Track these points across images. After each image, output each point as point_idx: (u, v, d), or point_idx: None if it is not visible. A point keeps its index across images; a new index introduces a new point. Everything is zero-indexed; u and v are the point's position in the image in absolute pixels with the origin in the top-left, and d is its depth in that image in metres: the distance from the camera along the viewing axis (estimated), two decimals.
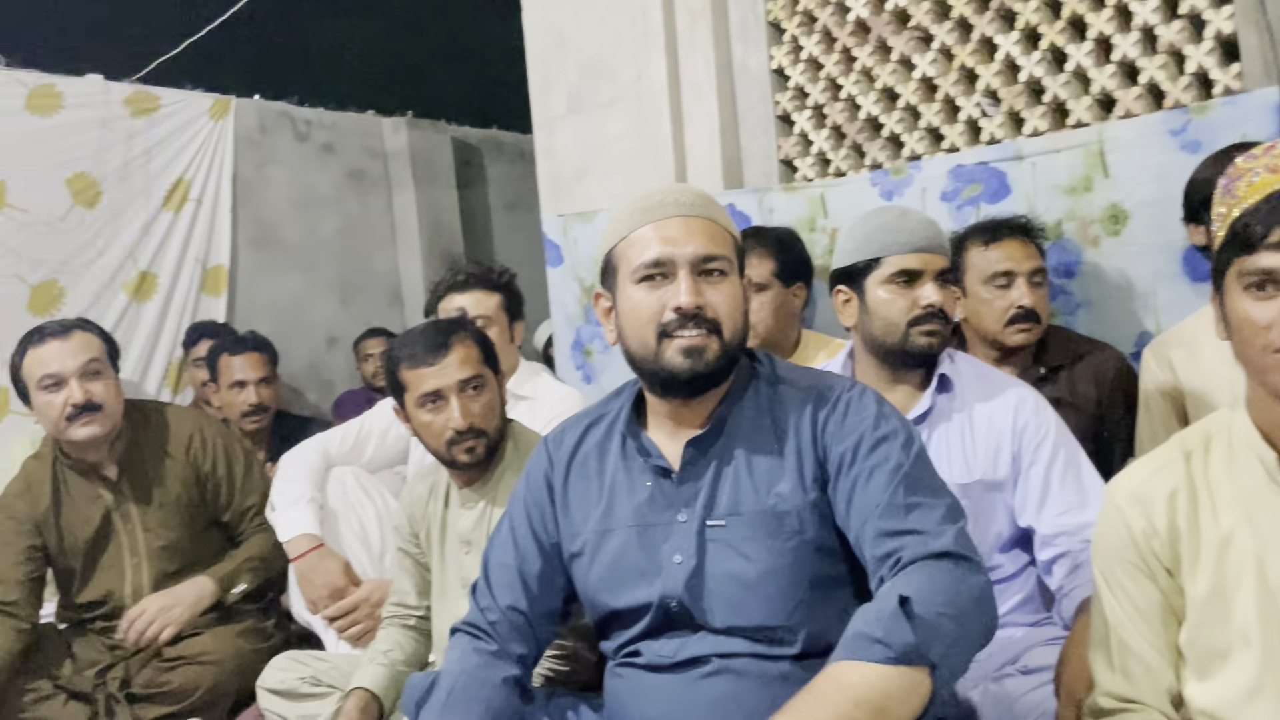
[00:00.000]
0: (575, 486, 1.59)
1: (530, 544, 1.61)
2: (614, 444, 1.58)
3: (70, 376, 2.59)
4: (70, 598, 2.74)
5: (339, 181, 5.13)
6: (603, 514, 1.55)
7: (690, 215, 1.47)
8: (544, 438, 1.68)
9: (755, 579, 1.43)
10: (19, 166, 3.93)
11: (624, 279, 1.48)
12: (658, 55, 3.29)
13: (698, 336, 1.44)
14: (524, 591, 1.59)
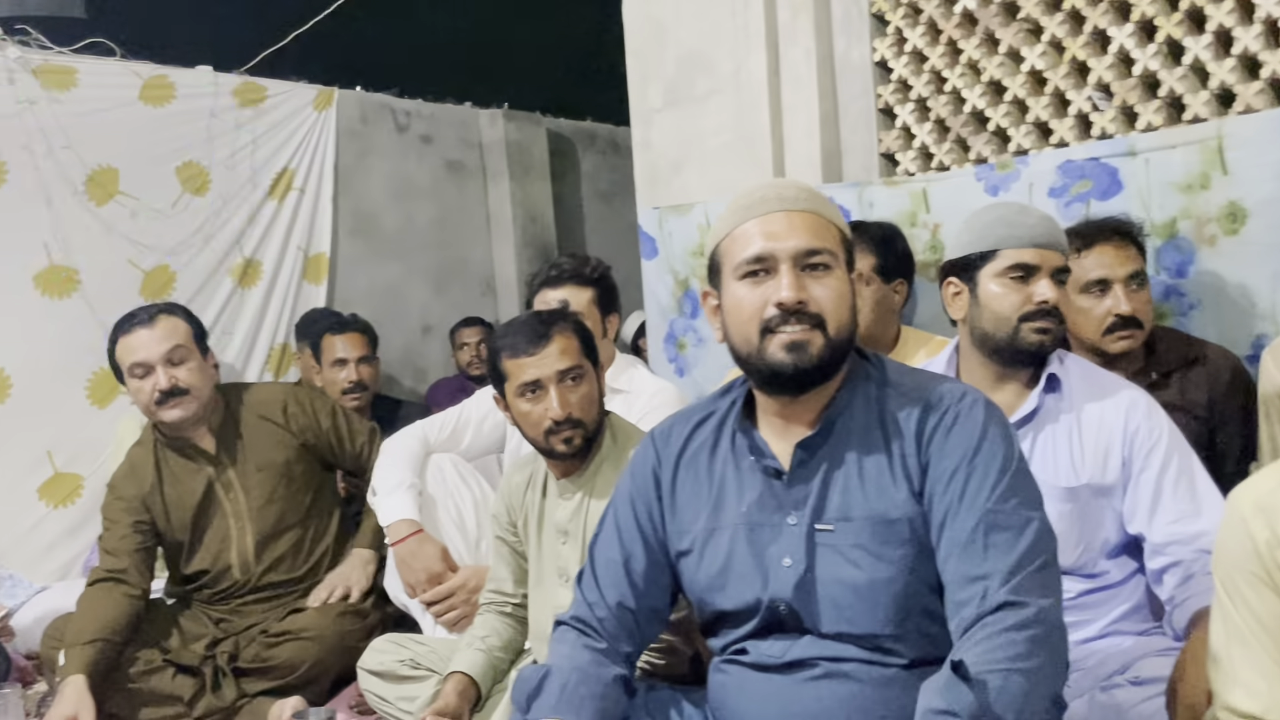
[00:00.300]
0: (684, 483, 1.59)
1: (636, 540, 1.61)
2: (724, 441, 1.58)
3: (156, 363, 2.69)
4: (178, 571, 2.84)
5: (436, 172, 5.20)
6: (711, 512, 1.54)
7: (793, 210, 1.46)
8: (650, 432, 1.68)
9: (864, 587, 1.42)
10: (132, 155, 4.05)
11: (728, 276, 1.48)
12: (758, 48, 3.26)
13: (800, 331, 1.42)
14: (630, 588, 1.59)
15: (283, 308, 4.49)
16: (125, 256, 4.03)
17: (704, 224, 3.37)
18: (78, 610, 2.56)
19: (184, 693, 2.54)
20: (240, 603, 2.79)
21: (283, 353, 4.50)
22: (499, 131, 5.37)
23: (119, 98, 4.02)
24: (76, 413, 3.90)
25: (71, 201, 3.88)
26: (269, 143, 4.46)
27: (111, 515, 2.74)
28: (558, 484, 2.17)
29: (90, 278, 3.92)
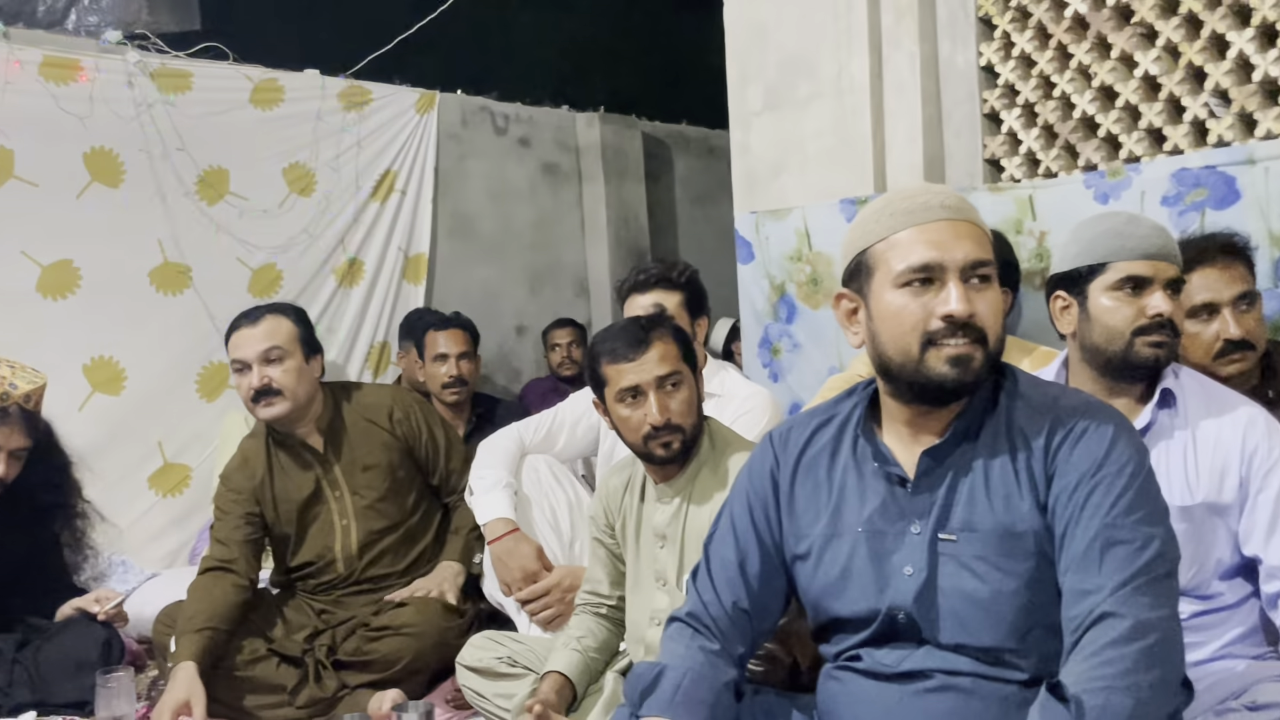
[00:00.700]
0: (803, 487, 1.59)
1: (752, 541, 1.61)
2: (845, 446, 1.57)
3: (254, 362, 2.76)
4: (284, 562, 2.92)
5: (533, 175, 5.26)
6: (831, 517, 1.54)
7: (957, 219, 1.45)
8: (769, 434, 1.68)
9: (987, 599, 1.40)
10: (242, 157, 4.18)
11: (881, 282, 1.45)
12: (860, 51, 3.24)
13: (964, 345, 1.41)
14: (745, 589, 1.60)
15: (383, 307, 4.59)
16: (234, 255, 4.16)
17: (801, 229, 3.35)
18: (189, 598, 2.65)
19: (287, 682, 2.61)
20: (342, 594, 2.85)
21: (381, 351, 4.59)
22: (595, 134, 5.41)
23: (231, 101, 4.14)
24: (186, 405, 4.03)
25: (184, 201, 4.01)
26: (372, 145, 4.55)
27: (223, 506, 2.83)
28: (656, 488, 2.18)
29: (201, 275, 4.05)
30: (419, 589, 2.81)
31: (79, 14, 4.11)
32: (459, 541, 2.94)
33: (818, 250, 3.33)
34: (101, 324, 3.82)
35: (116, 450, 3.83)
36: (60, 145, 3.70)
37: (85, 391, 3.79)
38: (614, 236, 5.44)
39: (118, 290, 3.85)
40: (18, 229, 3.60)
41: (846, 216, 3.24)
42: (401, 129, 4.65)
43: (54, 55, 3.70)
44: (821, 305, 3.35)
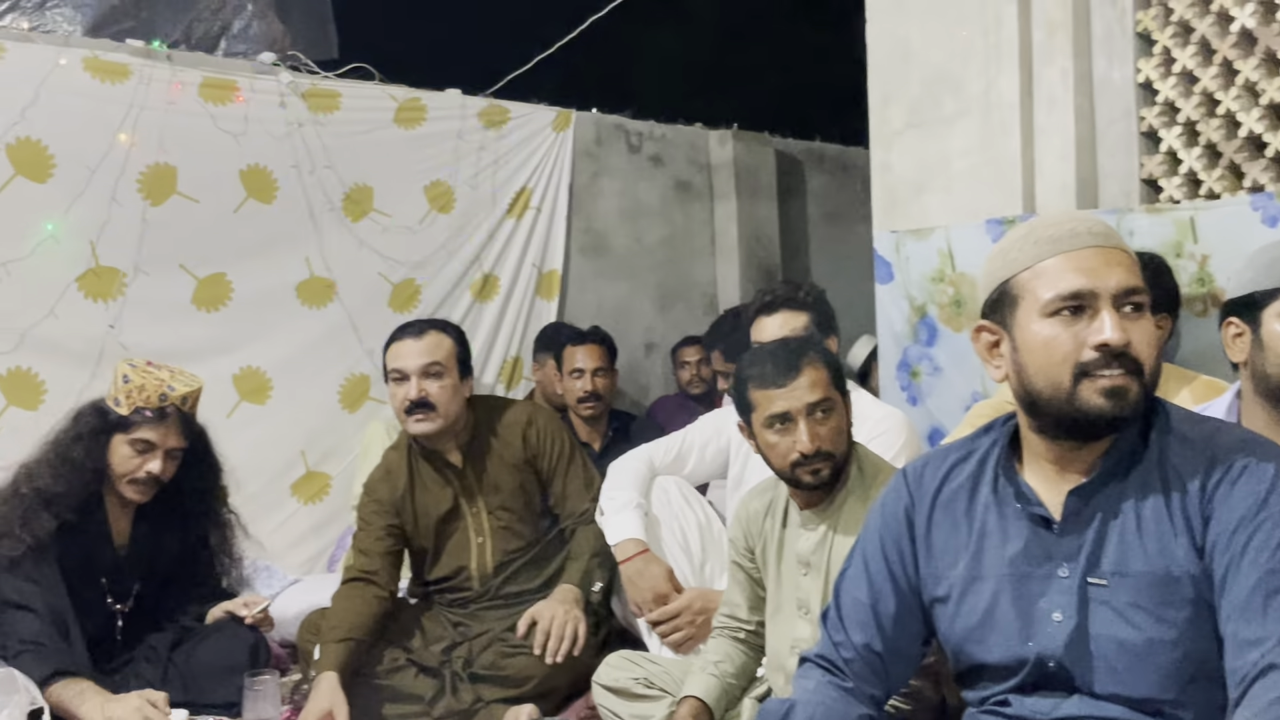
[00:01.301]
0: (940, 527, 1.53)
1: (886, 582, 1.56)
2: (985, 485, 1.51)
3: (413, 374, 2.81)
4: (422, 574, 2.96)
5: (665, 192, 5.27)
6: (972, 559, 1.48)
7: (1107, 246, 1.39)
8: (901, 471, 1.63)
9: (1142, 647, 1.33)
10: (385, 174, 4.28)
11: (1027, 312, 1.40)
12: (1010, 67, 3.15)
13: (1120, 377, 1.34)
14: (878, 631, 1.55)
15: (516, 322, 4.65)
16: (376, 270, 4.26)
17: (945, 249, 3.28)
18: (332, 607, 2.71)
19: (425, 693, 2.64)
20: (478, 608, 2.88)
21: (514, 366, 4.65)
22: (728, 152, 5.40)
23: (376, 120, 4.26)
24: (328, 415, 4.15)
25: (330, 217, 4.13)
26: (510, 163, 4.62)
27: (366, 516, 2.89)
28: (801, 514, 2.14)
29: (345, 289, 4.17)
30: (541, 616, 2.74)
31: (229, 41, 4.28)
32: (579, 567, 2.88)
33: (961, 271, 3.25)
34: (250, 335, 3.95)
35: (261, 457, 3.95)
36: (218, 163, 3.86)
37: (233, 400, 3.93)
38: (745, 254, 5.41)
39: (266, 303, 3.99)
40: (177, 243, 3.76)
41: (993, 236, 3.15)
42: (538, 147, 4.72)
43: (213, 76, 3.86)
44: (964, 328, 3.26)
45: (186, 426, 2.73)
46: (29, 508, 2.55)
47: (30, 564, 2.52)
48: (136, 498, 2.68)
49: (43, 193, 3.51)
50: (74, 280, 3.58)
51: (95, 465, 2.64)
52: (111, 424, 2.65)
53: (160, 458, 2.66)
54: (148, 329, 3.66)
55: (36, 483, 2.59)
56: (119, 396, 2.66)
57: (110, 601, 2.72)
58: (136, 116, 3.67)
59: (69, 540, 2.60)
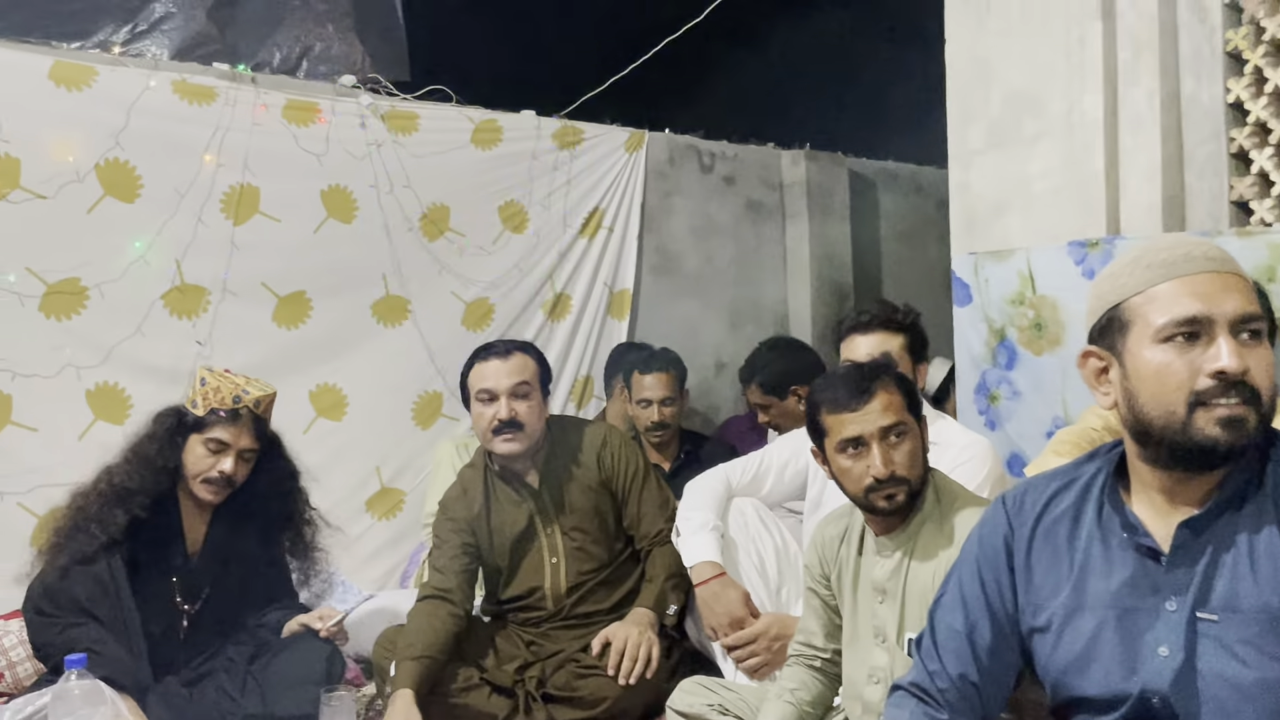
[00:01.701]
0: (1040, 556, 1.50)
1: (982, 612, 1.53)
2: (1088, 514, 1.47)
3: (502, 394, 2.82)
4: (496, 593, 2.98)
5: (737, 212, 5.26)
6: (1073, 589, 1.45)
7: (1222, 271, 1.35)
8: (1000, 498, 1.60)
9: (1253, 687, 1.29)
10: (461, 195, 4.33)
11: (1138, 338, 1.36)
12: (1094, 88, 3.09)
13: (1238, 406, 1.30)
14: (974, 661, 1.52)
15: (588, 341, 4.66)
16: (450, 289, 4.31)
17: (1025, 271, 3.22)
18: (408, 625, 2.73)
19: (499, 712, 2.65)
20: (550, 628, 2.89)
21: (585, 385, 4.67)
22: (800, 172, 5.37)
23: (453, 141, 4.31)
24: (402, 432, 4.20)
25: (408, 236, 4.19)
26: (583, 183, 4.65)
27: (442, 534, 2.91)
28: (876, 540, 2.11)
29: (420, 308, 4.22)
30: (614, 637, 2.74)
31: (310, 62, 4.36)
32: (653, 590, 2.88)
33: (1042, 294, 3.19)
34: (328, 353, 4.02)
35: (337, 473, 4.01)
36: (300, 183, 3.93)
37: (310, 416, 3.99)
38: (817, 274, 5.38)
39: (344, 320, 4.05)
40: (260, 261, 3.84)
41: (1075, 259, 3.09)
42: (611, 167, 4.74)
43: (296, 99, 3.94)
44: (1045, 351, 3.20)
45: (259, 429, 2.78)
46: (104, 504, 2.63)
47: (102, 563, 2.58)
48: (209, 498, 2.73)
49: (131, 213, 3.61)
50: (160, 298, 3.67)
51: (169, 464, 2.70)
52: (188, 424, 2.72)
53: (233, 457, 2.71)
54: (230, 346, 3.74)
55: (114, 479, 2.67)
56: (196, 399, 2.73)
57: (179, 601, 2.77)
58: (222, 138, 3.76)
59: (142, 537, 2.67)
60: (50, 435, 3.46)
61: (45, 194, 3.45)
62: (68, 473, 2.98)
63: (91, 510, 2.63)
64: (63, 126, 3.49)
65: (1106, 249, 3.02)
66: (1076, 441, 2.45)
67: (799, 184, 5.38)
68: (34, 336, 3.44)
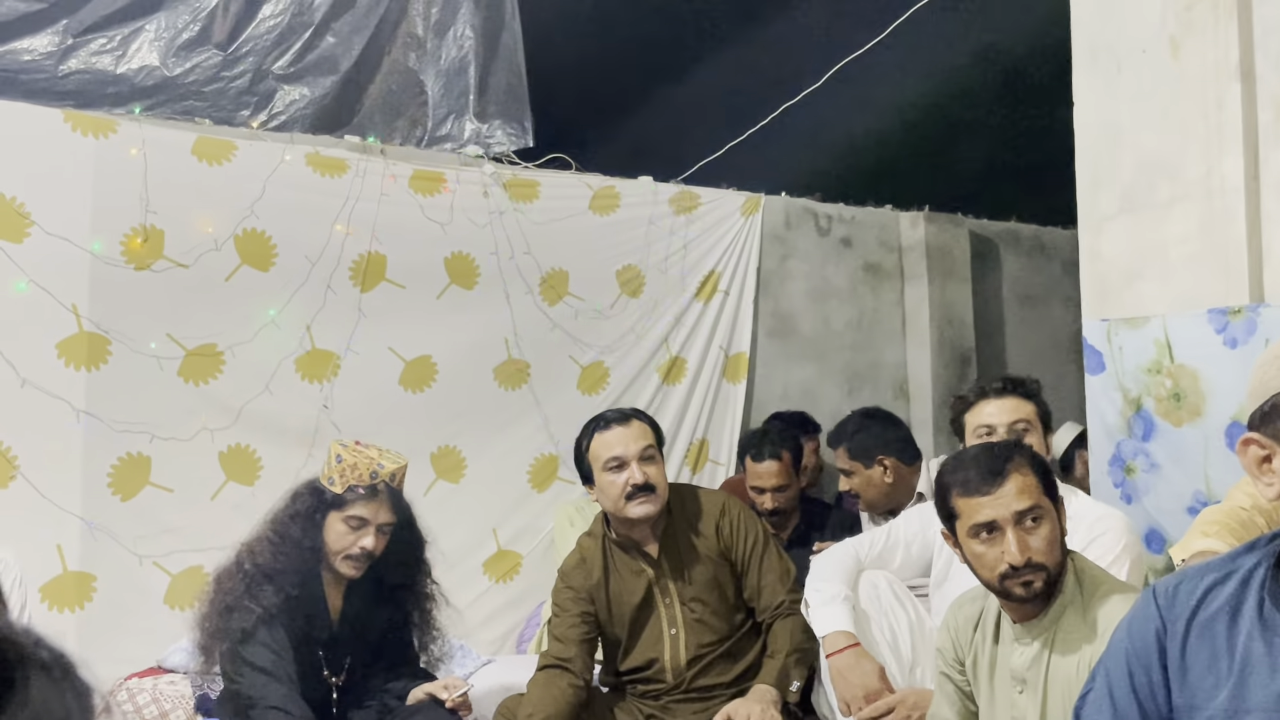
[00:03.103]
0: (1196, 652, 1.42)
1: (1132, 710, 1.46)
2: (1248, 608, 1.39)
3: (631, 459, 2.82)
4: (615, 664, 2.95)
5: (854, 274, 5.21)
6: (1234, 690, 1.36)
7: None
8: (1151, 589, 1.52)
9: None
10: (579, 260, 4.40)
11: None
12: (1234, 151, 2.98)
13: None
14: None
15: (703, 405, 4.65)
16: (568, 353, 4.36)
17: (1162, 339, 3.10)
18: (528, 694, 2.72)
19: None
20: (670, 700, 2.84)
21: (700, 449, 4.64)
22: (919, 233, 5.30)
23: (572, 208, 4.38)
24: (518, 495, 4.23)
25: (528, 300, 4.26)
26: (699, 247, 4.67)
27: (561, 603, 2.90)
28: (1014, 627, 2.03)
29: (538, 371, 4.27)
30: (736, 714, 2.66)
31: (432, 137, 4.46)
32: (775, 665, 2.80)
33: (1180, 363, 3.06)
34: (449, 415, 4.09)
35: (455, 535, 4.04)
36: (424, 250, 4.04)
37: (430, 478, 4.05)
38: (937, 337, 5.28)
39: (466, 384, 4.12)
40: (386, 327, 3.94)
41: (1215, 326, 2.97)
42: (727, 231, 4.75)
43: (423, 169, 4.06)
44: (1184, 423, 3.07)
45: (396, 502, 2.82)
46: (253, 582, 2.68)
47: (265, 633, 2.64)
48: (351, 573, 2.77)
49: (265, 280, 3.75)
50: (292, 361, 3.78)
51: (312, 543, 2.75)
52: (327, 502, 2.76)
53: (373, 533, 2.75)
54: (357, 408, 3.83)
55: (258, 559, 2.72)
56: (333, 476, 2.77)
57: (327, 674, 2.81)
58: (352, 208, 3.89)
59: (291, 614, 2.71)
60: (185, 496, 3.58)
61: (186, 263, 3.62)
62: (201, 534, 3.08)
63: (240, 588, 2.68)
64: (204, 199, 3.66)
65: (1250, 317, 2.89)
66: (1225, 521, 2.34)
67: (918, 245, 5.30)
68: (172, 400, 3.58)
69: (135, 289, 3.54)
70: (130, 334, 3.52)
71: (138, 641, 3.25)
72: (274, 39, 4.09)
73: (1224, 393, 2.97)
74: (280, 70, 4.15)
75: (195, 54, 4.01)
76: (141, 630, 3.15)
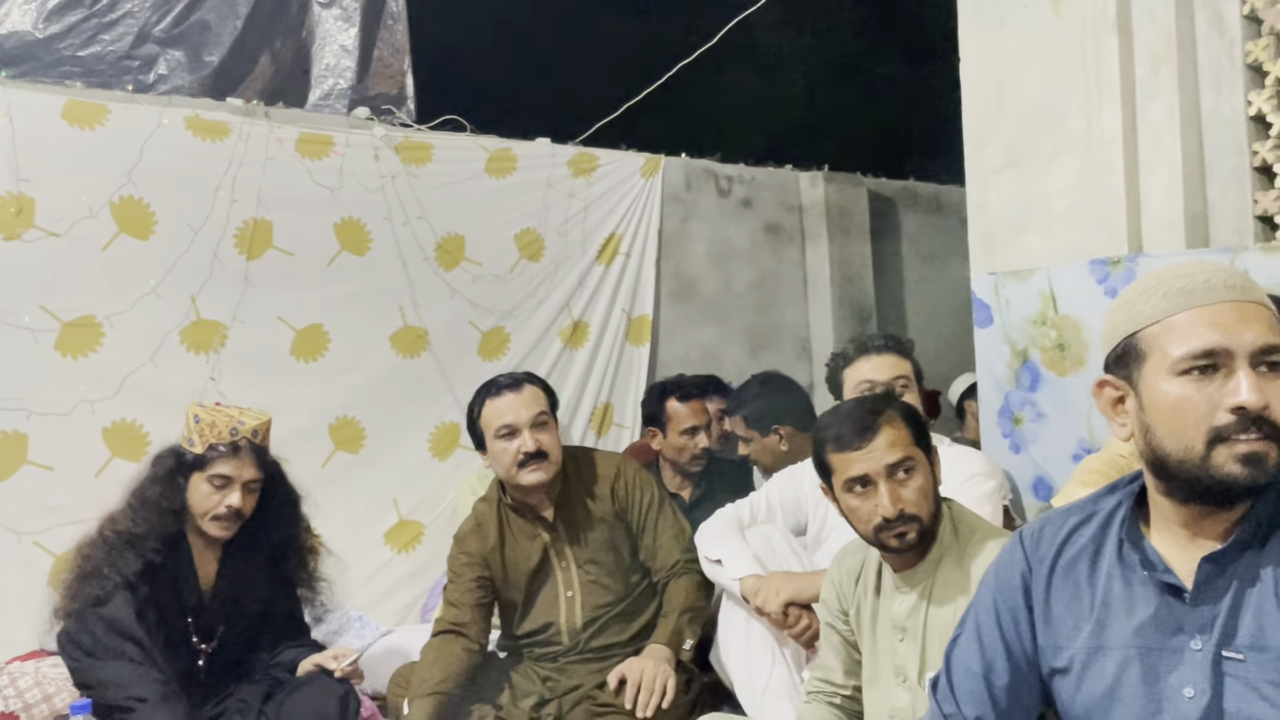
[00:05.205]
0: (1060, 594, 1.44)
1: (999, 652, 1.48)
2: (1108, 549, 1.42)
3: (523, 427, 2.79)
4: (511, 629, 2.93)
5: (755, 235, 5.22)
6: (1094, 629, 1.39)
7: (1244, 300, 1.29)
8: (1017, 534, 1.54)
9: None
10: (476, 224, 4.32)
11: (1155, 370, 1.31)
12: (1112, 104, 3.04)
13: (1258, 443, 1.25)
14: (991, 703, 1.47)
15: (607, 368, 4.63)
16: (467, 319, 4.29)
17: (1046, 291, 3.16)
18: (421, 660, 2.69)
19: None
20: (567, 662, 2.84)
21: (605, 412, 4.63)
22: (819, 193, 5.33)
23: (467, 170, 4.30)
24: (419, 464, 4.17)
25: (423, 267, 4.18)
26: (599, 209, 4.63)
27: (456, 568, 2.87)
28: (894, 577, 2.05)
29: (437, 338, 4.20)
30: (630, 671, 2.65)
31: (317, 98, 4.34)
32: (669, 624, 2.81)
33: (1065, 314, 3.13)
34: (345, 385, 4.00)
35: (355, 506, 3.99)
36: (313, 216, 3.93)
37: (328, 449, 3.97)
38: (838, 296, 5.32)
39: (362, 353, 4.03)
40: (274, 296, 3.83)
41: (1096, 277, 3.03)
42: (627, 193, 4.71)
43: (310, 132, 3.95)
44: (1068, 372, 3.14)
45: (261, 459, 2.75)
46: (112, 549, 2.60)
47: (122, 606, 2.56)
48: (220, 534, 2.70)
49: (145, 249, 3.62)
50: (176, 334, 3.67)
51: (174, 506, 2.67)
52: (188, 464, 2.68)
53: (239, 490, 2.68)
54: (247, 380, 3.73)
55: (118, 526, 2.64)
56: (192, 436, 2.70)
57: (195, 641, 2.75)
58: (235, 173, 3.76)
59: (155, 581, 2.64)
60: (67, 473, 3.45)
61: (58, 231, 3.47)
62: (85, 510, 2.97)
63: (100, 556, 2.60)
64: (76, 164, 3.51)
65: (1129, 267, 2.95)
66: (1104, 470, 2.39)
67: (818, 205, 5.33)
68: (49, 374, 3.44)
69: (6, 260, 3.38)
70: (1, 307, 3.37)
71: (19, 624, 3.12)
72: (154, 1, 3.95)
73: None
74: (161, 34, 4.00)
75: (70, 16, 3.85)
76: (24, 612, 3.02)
